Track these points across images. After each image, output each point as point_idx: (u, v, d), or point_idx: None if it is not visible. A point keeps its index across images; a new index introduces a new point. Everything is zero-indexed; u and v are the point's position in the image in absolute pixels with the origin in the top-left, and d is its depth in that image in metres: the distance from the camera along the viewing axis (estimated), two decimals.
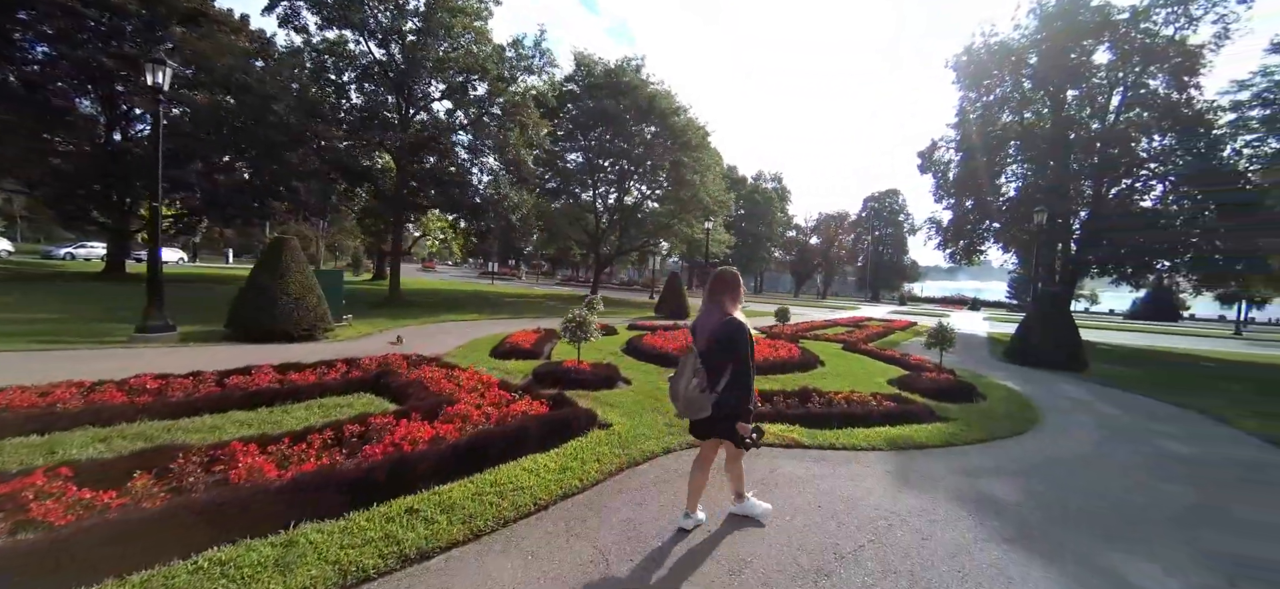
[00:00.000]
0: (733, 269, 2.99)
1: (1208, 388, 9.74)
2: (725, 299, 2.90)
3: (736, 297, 2.93)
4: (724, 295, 2.91)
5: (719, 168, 30.25)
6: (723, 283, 2.94)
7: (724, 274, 2.99)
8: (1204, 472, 4.72)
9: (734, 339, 2.78)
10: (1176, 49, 21.47)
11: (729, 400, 2.76)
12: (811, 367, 8.83)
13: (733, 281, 2.95)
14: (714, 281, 2.97)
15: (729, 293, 2.92)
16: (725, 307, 2.88)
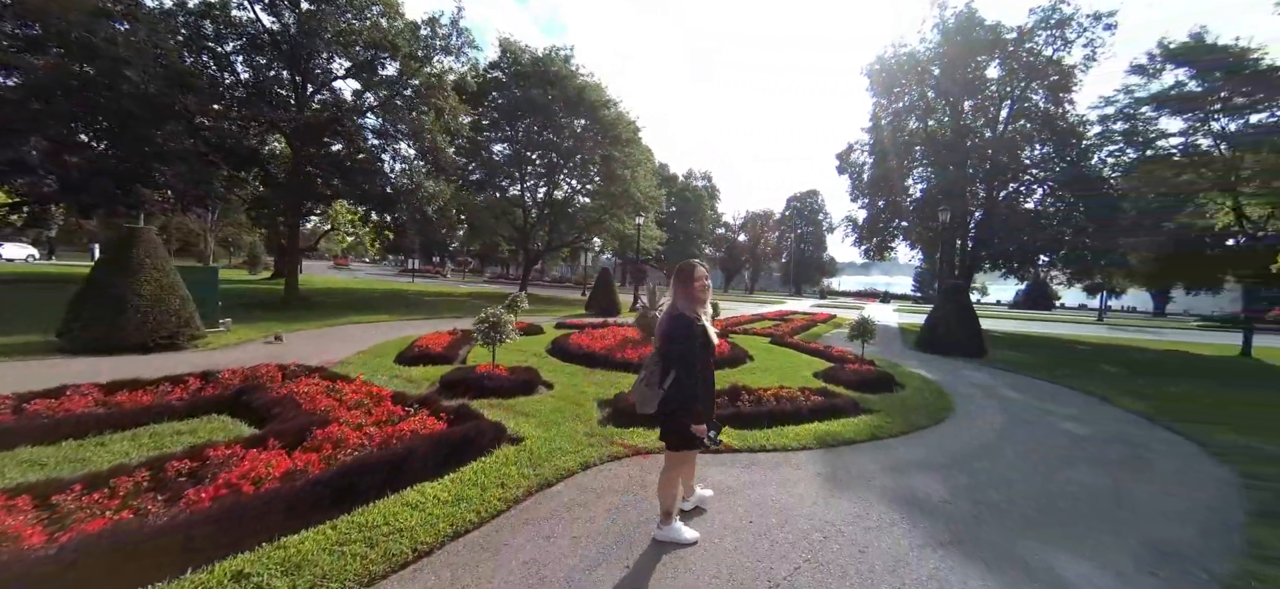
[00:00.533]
0: (690, 262, 2.81)
1: (1085, 369, 10.75)
2: (676, 292, 2.76)
3: (687, 289, 2.73)
4: (676, 289, 2.77)
5: (650, 164, 30.14)
6: (676, 276, 2.80)
7: (679, 267, 2.83)
8: (1100, 451, 4.97)
9: (672, 333, 2.64)
10: (1054, 68, 24.03)
11: (672, 397, 2.60)
12: (741, 362, 8.72)
13: (683, 274, 2.77)
14: (672, 275, 2.83)
15: (680, 286, 2.75)
16: (674, 300, 2.75)
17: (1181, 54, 17.33)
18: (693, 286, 2.71)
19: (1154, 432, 5.87)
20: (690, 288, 2.71)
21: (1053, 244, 24.26)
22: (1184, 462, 4.78)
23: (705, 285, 2.76)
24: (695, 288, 2.71)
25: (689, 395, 2.56)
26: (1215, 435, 5.59)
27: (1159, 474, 4.39)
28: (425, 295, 24.28)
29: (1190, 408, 7.07)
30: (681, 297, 2.72)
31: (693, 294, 2.71)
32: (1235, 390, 9.06)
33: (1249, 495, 3.90)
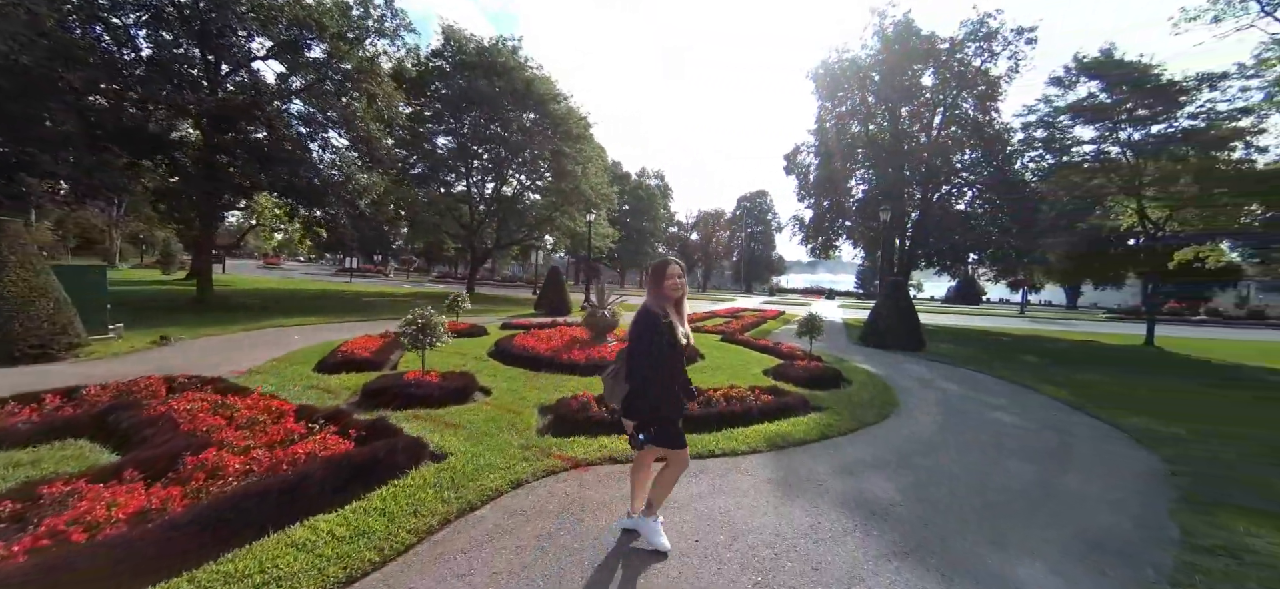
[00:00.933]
0: (665, 259, 2.74)
1: (1012, 360, 11.32)
2: (649, 289, 2.72)
3: (659, 287, 2.66)
4: (649, 285, 2.73)
5: (602, 160, 29.74)
6: (650, 273, 2.76)
7: (654, 264, 2.81)
8: (1033, 441, 5.08)
9: (633, 327, 2.63)
10: (982, 78, 25.55)
11: (632, 391, 2.59)
12: (693, 360, 8.54)
13: (656, 271, 2.74)
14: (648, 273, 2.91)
15: (653, 283, 2.71)
16: (646, 296, 2.70)
17: (1093, 68, 18.76)
18: (664, 284, 2.65)
19: (1076, 418, 6.12)
20: (661, 285, 2.65)
21: (981, 243, 25.84)
22: (1107, 447, 4.96)
23: (677, 283, 2.69)
24: (666, 285, 2.64)
25: (647, 390, 2.52)
26: (1130, 420, 5.89)
27: (1087, 462, 4.50)
28: (364, 296, 22.84)
29: (1105, 394, 7.49)
30: (653, 293, 2.67)
31: (664, 291, 2.64)
32: (1142, 377, 9.75)
33: (1170, 481, 4.03)
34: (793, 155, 29.78)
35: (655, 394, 2.52)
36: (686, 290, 2.82)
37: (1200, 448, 4.98)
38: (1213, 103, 17.41)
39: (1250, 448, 5.07)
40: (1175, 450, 4.83)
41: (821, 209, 28.91)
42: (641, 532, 2.74)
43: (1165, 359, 13.34)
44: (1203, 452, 4.85)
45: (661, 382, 2.54)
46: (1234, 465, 4.46)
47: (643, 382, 2.52)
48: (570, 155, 25.94)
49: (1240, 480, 4.07)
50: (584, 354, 7.83)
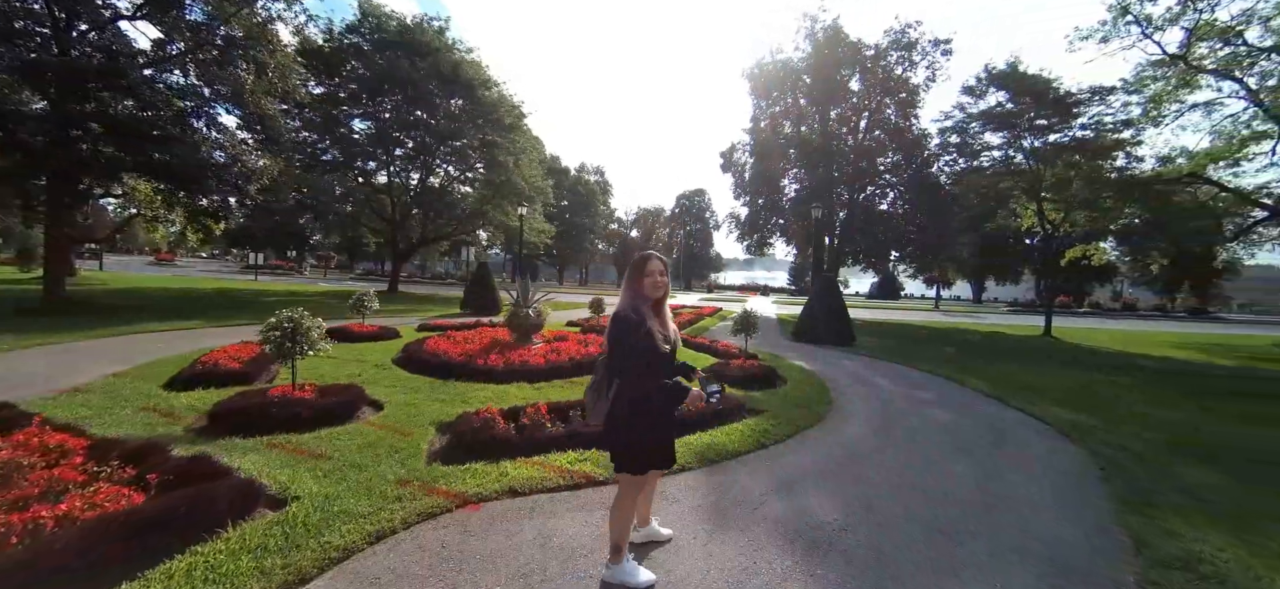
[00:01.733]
0: (645, 254, 2.37)
1: (934, 353, 11.70)
2: (625, 288, 2.36)
3: (636, 285, 2.31)
4: (625, 284, 2.36)
5: (537, 152, 28.59)
6: (628, 270, 2.40)
7: (633, 260, 2.41)
8: (968, 439, 4.95)
9: (611, 336, 2.25)
10: (903, 86, 26.91)
11: (614, 412, 2.24)
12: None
13: (634, 267, 2.37)
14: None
15: (629, 281, 2.35)
16: (622, 297, 2.34)
17: (1001, 78, 20.13)
18: (642, 282, 2.29)
19: (1000, 412, 6.15)
20: (639, 283, 2.30)
21: (901, 241, 27.27)
22: (1033, 441, 4.92)
23: (658, 282, 2.30)
24: (644, 283, 2.29)
25: (638, 410, 2.19)
26: (1048, 410, 6.00)
27: (1021, 459, 4.39)
28: (265, 295, 20.49)
29: (1019, 385, 7.74)
30: (630, 293, 2.31)
31: (641, 290, 2.29)
32: (1046, 367, 10.32)
33: (1101, 479, 3.95)
34: (729, 153, 30.10)
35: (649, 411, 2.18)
36: (670, 289, 2.42)
37: (1113, 437, 5.06)
38: (1100, 115, 19.16)
39: (1152, 435, 5.21)
40: (1094, 441, 4.86)
41: (756, 207, 29.41)
42: (619, 582, 2.31)
43: (1061, 349, 14.40)
44: (1115, 441, 4.92)
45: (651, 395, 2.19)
46: (1145, 457, 4.49)
47: (636, 400, 2.17)
48: (502, 145, 24.64)
49: (1159, 473, 4.07)
50: (503, 358, 7.06)
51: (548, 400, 5.14)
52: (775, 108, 29.20)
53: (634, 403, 2.18)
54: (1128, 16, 19.24)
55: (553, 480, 3.30)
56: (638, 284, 2.30)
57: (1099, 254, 24.89)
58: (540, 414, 4.24)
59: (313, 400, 4.60)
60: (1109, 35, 19.81)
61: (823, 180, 26.71)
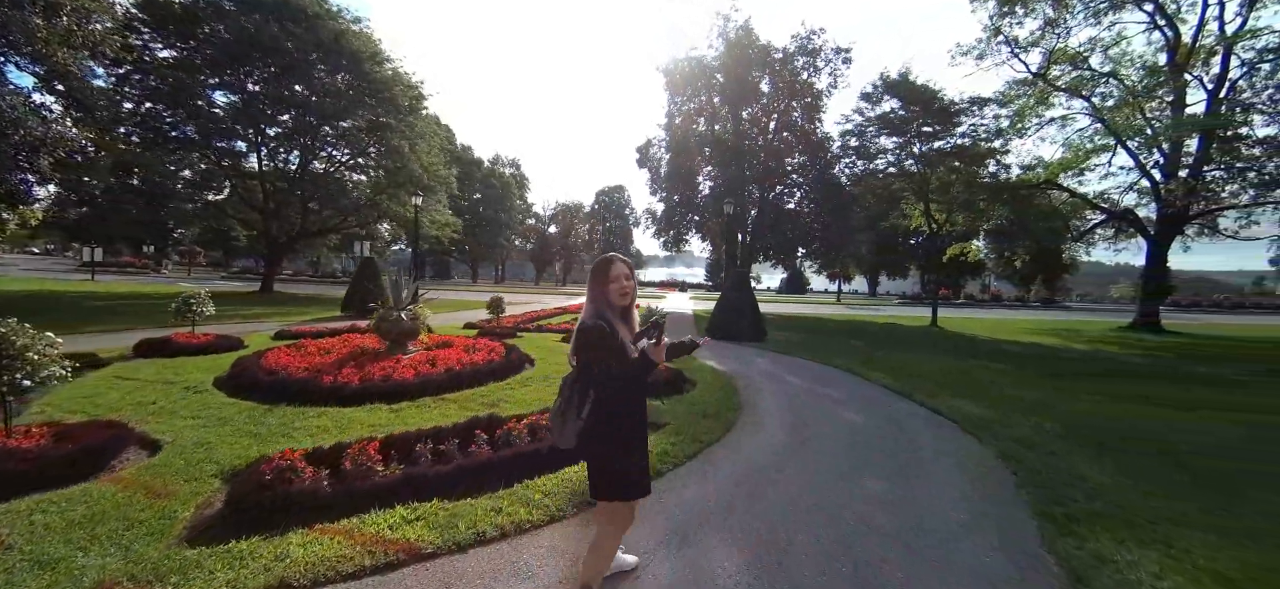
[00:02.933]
0: (608, 255, 2.11)
1: (840, 346, 11.88)
2: (590, 293, 2.08)
3: (602, 289, 2.04)
4: (590, 289, 2.08)
5: (439, 138, 26.31)
6: (591, 273, 2.10)
7: (596, 262, 2.13)
8: (880, 446, 4.63)
9: (582, 346, 2.00)
10: (808, 90, 28.01)
11: (593, 430, 2.00)
12: (516, 370, 7.02)
13: (598, 270, 2.09)
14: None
15: (594, 285, 2.07)
16: (587, 304, 2.08)
17: (894, 86, 21.42)
18: (607, 289, 2.06)
19: (907, 409, 6.01)
20: (604, 288, 2.06)
21: (807, 238, 28.47)
22: (945, 442, 4.70)
23: (624, 287, 2.09)
24: (609, 290, 2.06)
25: (615, 431, 2.00)
26: (947, 403, 5.95)
27: (936, 469, 4.09)
28: (93, 298, 16.87)
29: (919, 376, 7.82)
30: (594, 299, 2.06)
31: (607, 295, 2.05)
32: (938, 356, 10.79)
33: (1015, 485, 3.71)
34: (645, 149, 29.75)
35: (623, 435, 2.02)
36: (636, 296, 2.19)
37: (1011, 430, 5.00)
38: (976, 126, 21.00)
39: (1049, 426, 5.23)
40: (997, 437, 4.73)
41: (672, 203, 29.31)
42: None
43: (947, 338, 15.44)
44: (1014, 434, 4.83)
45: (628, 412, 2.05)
46: (1050, 452, 4.39)
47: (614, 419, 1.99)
48: (397, 128, 22.30)
49: (1064, 473, 3.91)
50: (361, 373, 5.82)
51: (403, 428, 4.12)
52: (690, 105, 29.26)
53: (614, 418, 1.99)
54: (999, 37, 21.26)
55: (355, 560, 2.34)
56: (602, 291, 2.06)
57: (974, 252, 27.60)
58: (368, 455, 3.22)
59: (37, 449, 3.22)
60: (984, 53, 21.79)
61: (736, 178, 27.12)
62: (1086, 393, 7.35)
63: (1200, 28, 19.03)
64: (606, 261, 2.10)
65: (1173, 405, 6.68)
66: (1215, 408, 6.62)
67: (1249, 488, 3.82)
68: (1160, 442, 4.90)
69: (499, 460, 3.45)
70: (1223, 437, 5.31)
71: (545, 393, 5.89)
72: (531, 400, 5.50)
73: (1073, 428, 5.24)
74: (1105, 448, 4.59)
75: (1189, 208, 19.11)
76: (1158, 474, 4.00)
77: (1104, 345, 14.45)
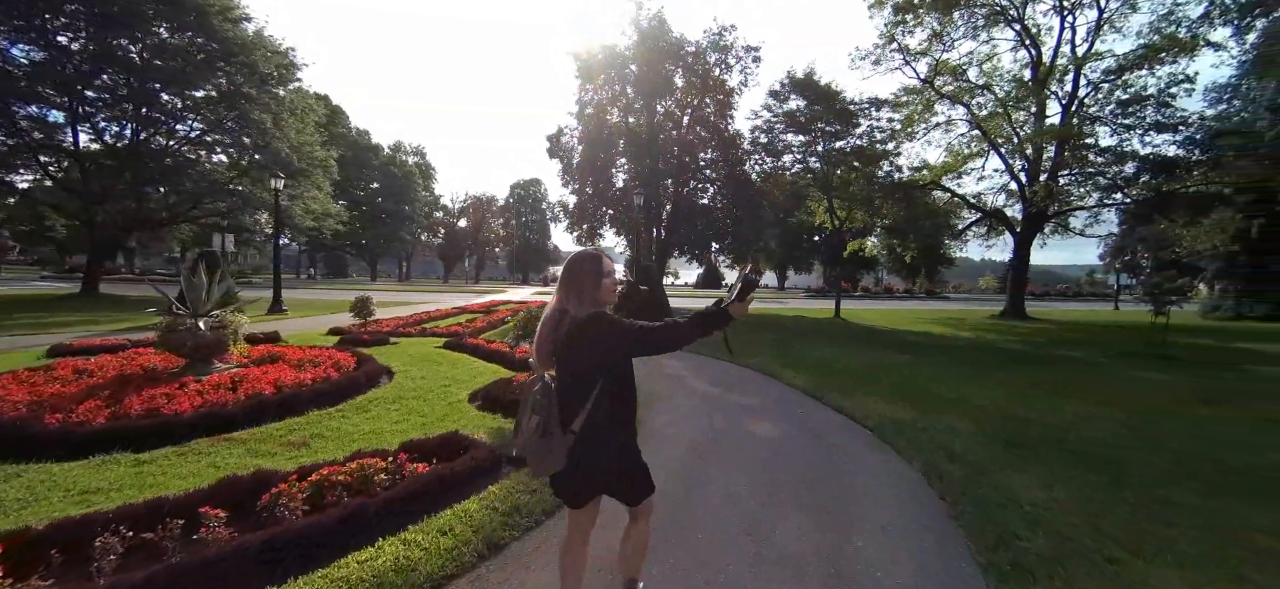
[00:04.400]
0: (594, 252, 1.93)
1: (751, 340, 11.49)
2: (580, 291, 1.84)
3: (592, 292, 1.84)
4: (580, 285, 1.84)
5: (316, 115, 22.99)
6: (577, 270, 1.88)
7: (580, 257, 1.93)
8: (795, 468, 3.92)
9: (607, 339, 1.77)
10: (721, 86, 28.09)
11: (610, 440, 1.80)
12: (358, 390, 5.57)
13: (588, 269, 1.86)
14: (567, 270, 1.92)
15: (584, 286, 1.84)
16: (583, 301, 1.82)
17: (800, 85, 21.86)
18: (604, 282, 1.86)
19: (825, 417, 5.44)
20: (598, 291, 1.84)
21: (720, 234, 28.66)
22: (867, 460, 4.11)
23: (617, 283, 1.95)
24: (606, 285, 1.87)
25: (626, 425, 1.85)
26: (866, 406, 5.47)
27: (863, 502, 3.41)
28: None
29: (832, 372, 7.45)
30: (591, 299, 1.83)
31: (601, 298, 1.86)
32: (846, 349, 10.70)
33: (955, 520, 3.10)
34: (556, 137, 28.28)
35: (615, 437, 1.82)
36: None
37: (933, 436, 4.52)
38: (873, 128, 21.98)
39: (964, 429, 4.85)
40: (924, 452, 4.19)
41: (585, 195, 28.15)
42: None
43: (851, 329, 15.80)
44: (939, 443, 4.35)
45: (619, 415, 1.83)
46: (976, 466, 3.91)
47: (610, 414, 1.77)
48: (258, 100, 19.03)
49: (997, 494, 3.39)
50: (116, 406, 4.16)
51: (135, 496, 2.71)
52: (603, 94, 28.23)
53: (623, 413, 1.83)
54: (893, 44, 22.37)
55: None
56: (596, 290, 1.84)
57: (870, 248, 29.29)
58: None
59: None
60: (880, 59, 22.86)
61: (651, 171, 26.55)
62: (988, 383, 7.34)
63: (1057, 49, 21.33)
64: (599, 258, 1.92)
65: (1061, 391, 6.77)
66: (1096, 397, 6.77)
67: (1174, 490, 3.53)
68: (1067, 439, 4.66)
69: (236, 553, 2.20)
70: (1110, 431, 5.25)
71: (386, 419, 4.60)
72: (362, 433, 4.20)
73: (986, 428, 4.91)
74: (1025, 452, 4.23)
75: (1047, 208, 21.36)
76: (1088, 486, 3.61)
77: (985, 334, 15.49)
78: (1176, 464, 4.11)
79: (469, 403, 5.28)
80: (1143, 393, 7.04)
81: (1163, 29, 18.95)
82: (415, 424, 4.51)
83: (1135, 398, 6.72)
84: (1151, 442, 4.76)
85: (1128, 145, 19.03)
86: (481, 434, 4.05)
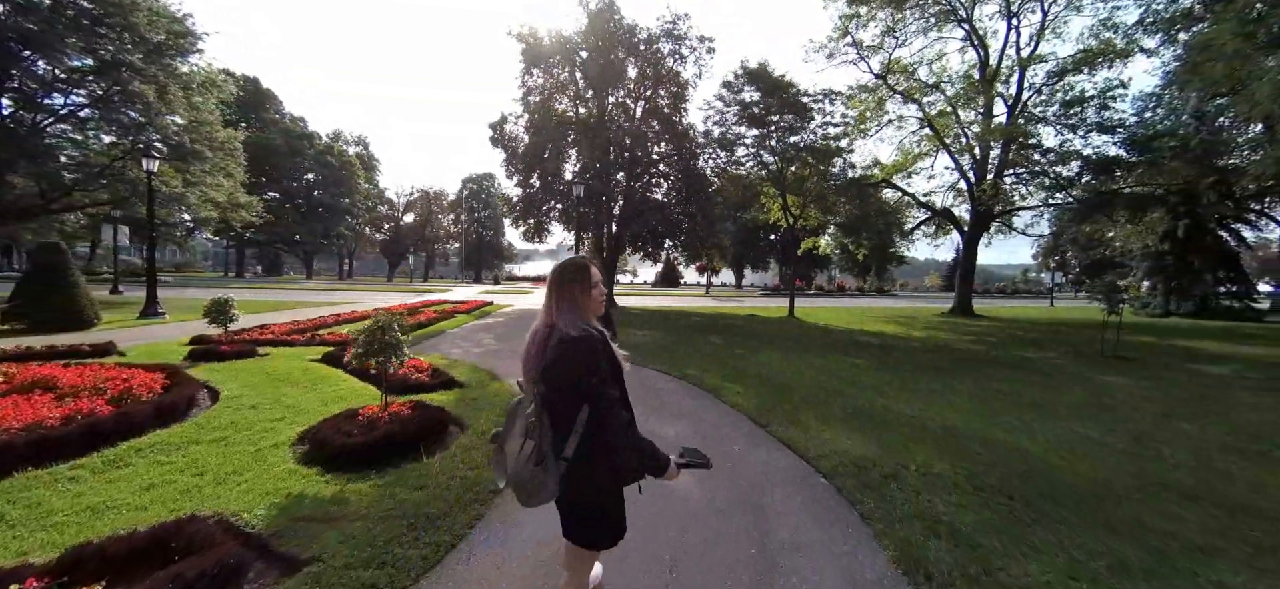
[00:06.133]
0: (582, 260, 1.80)
1: (696, 347, 10.34)
2: (569, 301, 1.71)
3: (580, 300, 1.72)
4: (569, 295, 1.72)
5: (220, 93, 20.28)
6: (566, 278, 1.74)
7: (567, 266, 1.80)
8: (726, 551, 2.72)
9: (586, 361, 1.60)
10: (674, 78, 27.03)
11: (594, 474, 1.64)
12: (154, 425, 4.02)
13: (575, 278, 1.74)
14: (550, 278, 1.78)
15: (573, 294, 1.72)
16: (565, 313, 1.68)
17: (754, 76, 21.06)
18: (590, 297, 1.74)
19: (766, 458, 4.32)
20: (587, 298, 1.73)
21: (674, 230, 27.65)
22: (824, 546, 2.98)
23: (604, 293, 1.82)
24: (594, 294, 1.76)
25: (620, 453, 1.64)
26: (821, 440, 4.40)
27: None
28: None
29: (781, 388, 6.40)
30: (573, 310, 1.69)
31: (590, 306, 1.74)
32: (796, 353, 9.80)
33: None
34: (500, 125, 26.47)
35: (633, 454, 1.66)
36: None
37: (917, 501, 3.40)
38: (828, 124, 21.42)
39: (955, 474, 3.79)
40: (893, 523, 3.10)
41: (531, 187, 26.52)
42: None
43: (805, 330, 15.03)
44: (924, 512, 3.24)
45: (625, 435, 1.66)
46: (964, 543, 2.84)
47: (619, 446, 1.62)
48: (143, 70, 16.39)
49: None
50: None
51: None
52: (551, 81, 26.65)
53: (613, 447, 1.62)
54: (846, 37, 21.91)
55: None
56: (585, 300, 1.73)
57: (824, 246, 29.04)
58: None
59: None
60: (834, 52, 22.36)
61: (601, 164, 25.21)
62: (955, 396, 6.47)
63: (1003, 51, 21.46)
64: (584, 267, 1.78)
65: (1037, 406, 5.96)
66: (1072, 411, 6.00)
67: None
68: (1071, 485, 3.71)
69: None
70: (1112, 462, 4.38)
71: (137, 482, 3.12)
72: (73, 510, 2.71)
73: (970, 467, 3.90)
74: (1029, 508, 3.22)
75: (994, 207, 21.47)
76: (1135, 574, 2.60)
77: (938, 333, 15.07)
78: (1229, 516, 3.20)
79: (292, 448, 3.84)
80: (1121, 404, 6.34)
81: (1100, 34, 19.31)
82: (180, 488, 3.06)
83: (1116, 409, 6.00)
84: (1167, 480, 3.88)
85: (1069, 146, 19.25)
86: (257, 512, 2.66)
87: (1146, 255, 25.91)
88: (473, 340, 10.52)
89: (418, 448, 3.74)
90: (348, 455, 3.57)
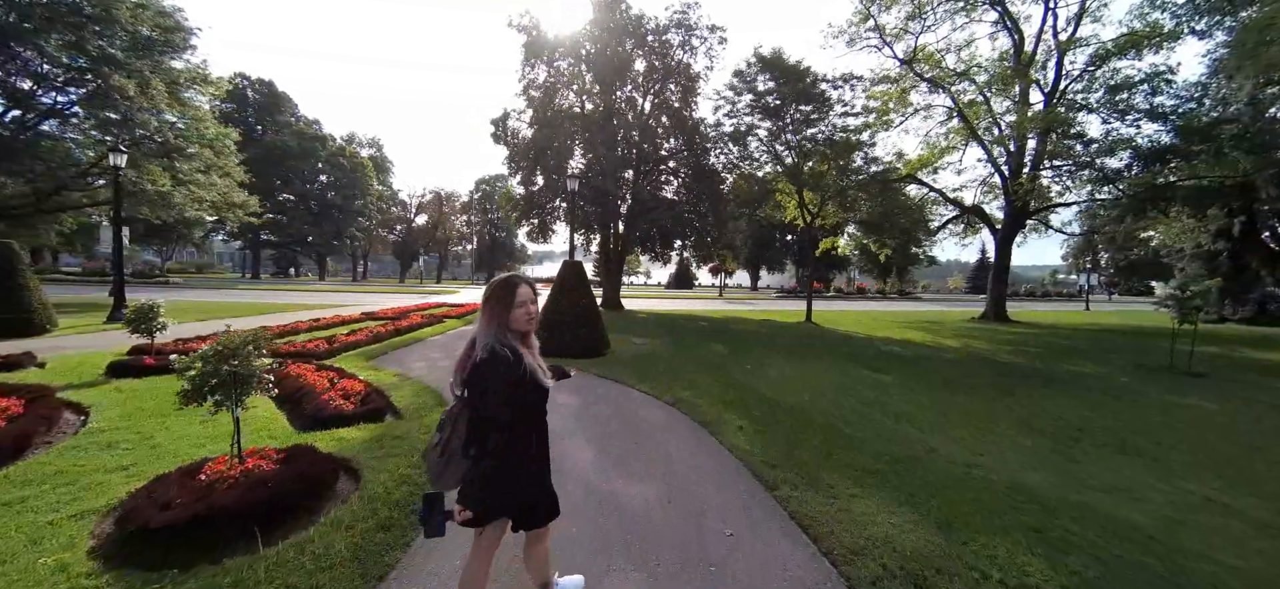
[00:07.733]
0: (512, 276, 1.86)
1: (697, 358, 9.17)
2: (489, 317, 1.81)
3: (505, 314, 1.80)
4: (489, 312, 1.82)
5: (213, 89, 19.67)
6: (491, 295, 1.84)
7: (496, 282, 1.86)
8: None
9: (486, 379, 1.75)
10: (684, 73, 25.77)
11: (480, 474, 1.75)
12: (27, 447, 3.00)
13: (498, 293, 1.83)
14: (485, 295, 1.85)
15: (492, 309, 1.81)
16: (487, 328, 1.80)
17: (769, 63, 19.71)
18: (511, 314, 1.80)
19: (778, 556, 3.13)
20: (506, 316, 1.80)
21: (685, 230, 26.40)
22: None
23: (531, 311, 1.87)
24: (515, 316, 1.81)
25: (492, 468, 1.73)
26: (864, 534, 3.19)
27: None
28: None
29: (799, 415, 5.17)
30: (494, 327, 1.78)
31: (510, 322, 1.80)
32: (816, 364, 8.56)
33: None
34: (502, 121, 25.53)
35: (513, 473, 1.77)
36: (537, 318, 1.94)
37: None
38: (847, 113, 19.96)
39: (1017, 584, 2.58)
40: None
41: (534, 185, 25.55)
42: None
43: (823, 337, 13.71)
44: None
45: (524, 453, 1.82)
46: None
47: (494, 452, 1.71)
48: (125, 63, 15.77)
49: None
50: None
51: None
52: (554, 75, 25.64)
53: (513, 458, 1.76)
54: (868, 22, 20.45)
55: None
56: (505, 316, 1.79)
57: (844, 247, 27.51)
58: None
59: None
60: (854, 38, 20.92)
61: (608, 161, 24.11)
62: (1011, 427, 5.18)
63: (1039, 34, 19.79)
64: (509, 284, 1.83)
65: (1125, 450, 4.64)
66: (1173, 456, 4.67)
67: None
68: None
69: None
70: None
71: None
72: None
73: (1069, 563, 2.65)
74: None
75: (1029, 204, 19.80)
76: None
77: (972, 341, 13.60)
78: None
79: (99, 520, 2.76)
80: (1225, 442, 4.97)
81: (1145, 16, 17.60)
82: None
83: (1225, 452, 4.65)
84: None
85: (1116, 135, 17.53)
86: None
87: (1197, 255, 23.83)
88: (448, 350, 9.47)
89: (258, 527, 2.60)
90: (161, 536, 2.47)
